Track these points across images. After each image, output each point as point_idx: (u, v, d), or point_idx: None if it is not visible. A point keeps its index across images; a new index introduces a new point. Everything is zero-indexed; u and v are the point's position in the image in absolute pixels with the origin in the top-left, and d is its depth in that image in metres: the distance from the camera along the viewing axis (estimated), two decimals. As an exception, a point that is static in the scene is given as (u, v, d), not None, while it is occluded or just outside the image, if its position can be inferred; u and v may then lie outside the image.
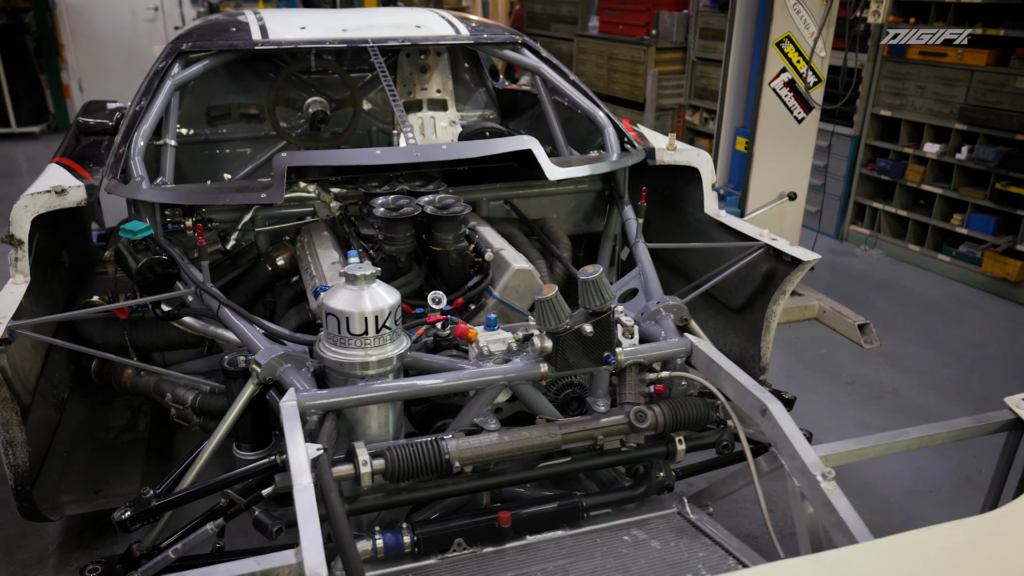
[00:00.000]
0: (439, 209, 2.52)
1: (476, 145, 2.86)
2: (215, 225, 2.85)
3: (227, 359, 2.43)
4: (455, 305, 2.48)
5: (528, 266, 2.55)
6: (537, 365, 2.08)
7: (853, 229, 5.79)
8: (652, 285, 2.60)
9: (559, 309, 2.02)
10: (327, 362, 1.99)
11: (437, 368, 2.14)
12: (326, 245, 2.68)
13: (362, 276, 1.94)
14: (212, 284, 2.42)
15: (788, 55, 3.91)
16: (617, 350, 2.12)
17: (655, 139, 3.53)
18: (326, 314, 1.96)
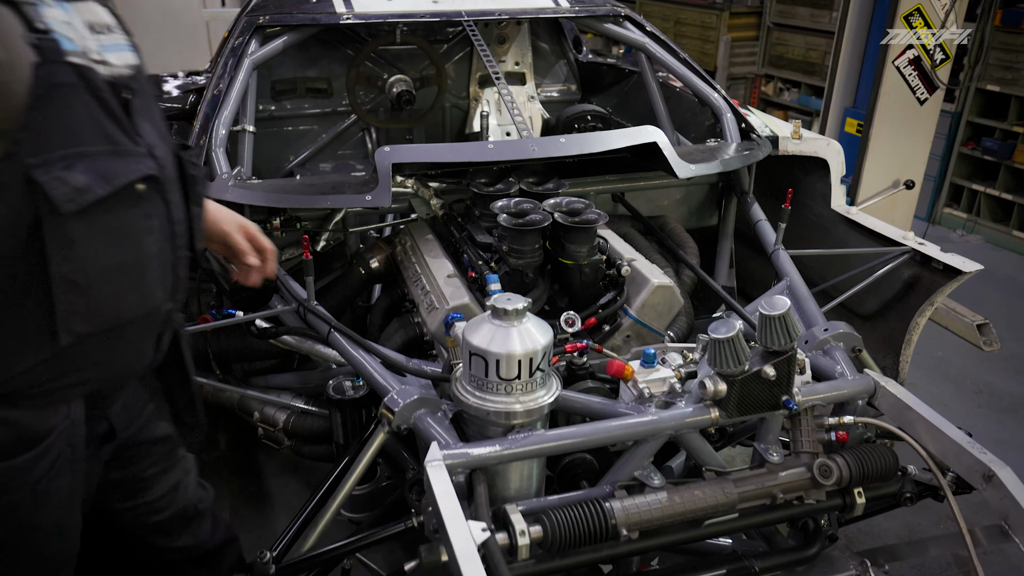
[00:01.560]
0: (569, 216, 2.21)
1: (597, 138, 2.54)
2: (303, 225, 2.57)
3: (332, 385, 2.18)
4: (587, 325, 2.19)
5: (668, 282, 2.25)
6: (707, 410, 1.79)
7: (948, 212, 5.40)
8: (809, 306, 2.29)
9: (740, 350, 1.73)
10: (468, 408, 1.71)
11: (590, 412, 1.86)
12: (435, 252, 2.39)
13: (513, 311, 1.65)
14: (316, 302, 2.14)
15: (916, 30, 3.52)
16: (794, 389, 1.83)
17: (771, 124, 3.19)
18: (470, 354, 1.67)
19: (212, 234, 1.62)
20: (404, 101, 3.19)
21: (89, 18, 1.14)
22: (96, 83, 1.08)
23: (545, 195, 2.42)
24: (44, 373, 1.13)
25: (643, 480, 1.78)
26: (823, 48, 6.15)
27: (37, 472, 1.16)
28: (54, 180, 1.01)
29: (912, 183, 3.84)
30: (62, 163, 1.02)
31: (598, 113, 3.48)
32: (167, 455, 1.59)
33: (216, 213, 1.63)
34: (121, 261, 1.14)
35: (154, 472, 1.56)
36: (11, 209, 1.01)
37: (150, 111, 1.24)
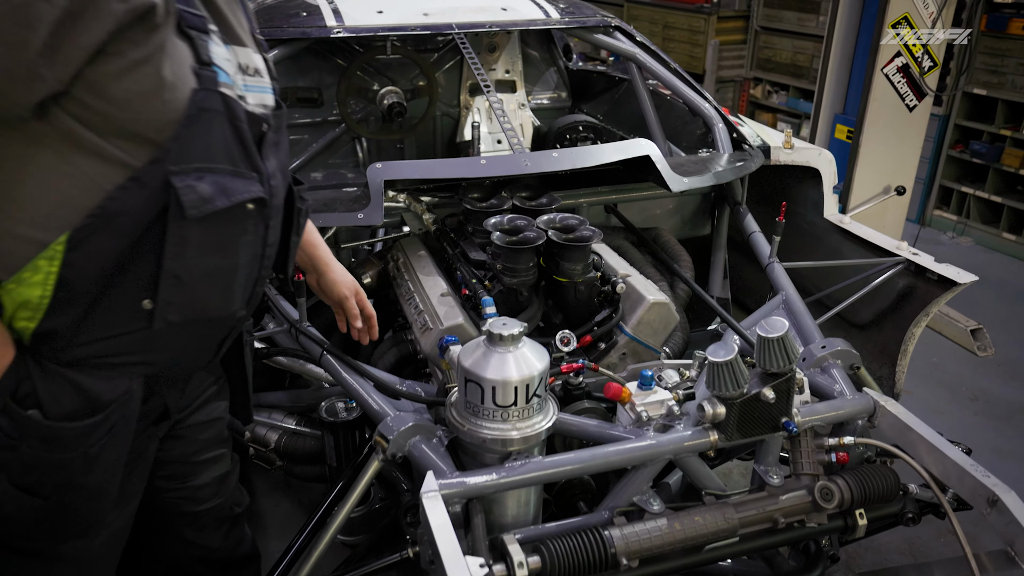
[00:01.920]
0: (563, 233, 2.19)
1: (590, 152, 2.51)
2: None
3: (325, 407, 2.15)
4: (582, 343, 2.16)
5: (664, 298, 2.23)
6: (706, 434, 1.76)
7: (937, 214, 5.41)
8: (805, 321, 2.27)
9: (738, 373, 1.70)
10: (463, 435, 1.68)
11: (588, 436, 1.84)
12: (428, 269, 2.35)
13: (509, 337, 1.62)
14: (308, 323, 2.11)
15: (904, 38, 3.51)
16: (793, 410, 1.81)
17: (763, 132, 3.17)
18: (465, 379, 1.64)
19: (329, 294, 1.90)
20: (395, 113, 3.16)
21: (244, 61, 1.32)
22: (237, 113, 1.24)
23: (538, 211, 2.39)
24: (120, 347, 1.25)
25: (642, 506, 1.75)
26: (810, 52, 6.16)
27: (93, 438, 1.26)
28: (186, 188, 1.16)
29: (903, 189, 3.84)
30: (195, 174, 1.18)
31: (589, 123, 3.46)
32: (217, 441, 1.68)
33: (337, 275, 1.88)
34: (218, 266, 1.30)
35: (202, 459, 1.65)
36: (145, 205, 1.15)
37: (279, 147, 1.41)
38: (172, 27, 1.14)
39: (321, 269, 1.88)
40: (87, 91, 1.08)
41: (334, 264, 1.89)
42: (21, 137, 1.09)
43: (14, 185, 1.11)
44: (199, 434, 1.63)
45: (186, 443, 1.61)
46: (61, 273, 1.14)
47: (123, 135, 1.13)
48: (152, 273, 1.20)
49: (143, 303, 1.22)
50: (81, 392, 1.23)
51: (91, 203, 1.12)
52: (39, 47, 1.00)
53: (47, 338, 1.19)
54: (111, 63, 1.07)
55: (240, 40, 1.33)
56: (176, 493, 1.64)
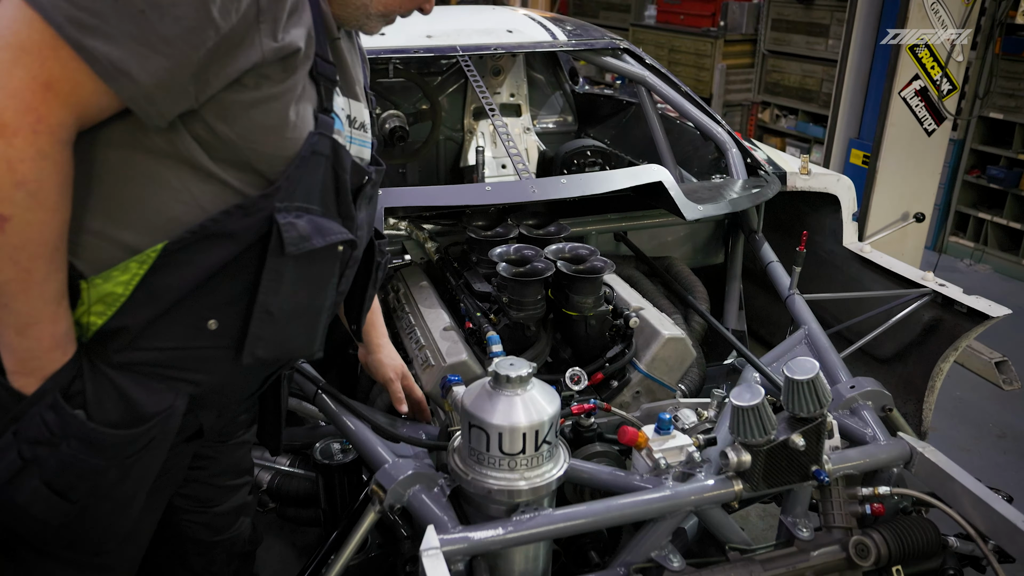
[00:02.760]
0: (572, 263, 2.06)
1: (600, 179, 2.40)
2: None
3: (319, 448, 2.02)
4: (593, 380, 2.03)
5: (680, 333, 2.10)
6: (730, 483, 1.63)
7: (954, 241, 5.28)
8: (830, 358, 2.14)
9: (765, 419, 1.57)
10: (467, 485, 1.54)
11: (601, 485, 1.70)
12: (430, 301, 2.23)
13: (517, 379, 1.49)
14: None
15: (922, 60, 3.41)
16: (823, 458, 1.67)
17: (777, 158, 3.06)
18: (469, 425, 1.51)
19: (375, 374, 1.89)
20: (397, 137, 3.06)
21: (354, 113, 1.37)
22: (342, 160, 1.27)
23: (546, 240, 2.27)
24: (175, 359, 1.22)
25: (661, 563, 1.61)
26: (819, 75, 6.08)
27: (131, 448, 1.22)
28: (288, 224, 1.17)
29: (923, 216, 3.72)
30: (296, 212, 1.19)
31: (597, 148, 3.35)
32: (241, 469, 1.68)
33: (384, 355, 1.87)
34: (307, 305, 1.31)
35: (224, 484, 1.64)
36: (243, 232, 1.16)
37: (372, 201, 1.45)
38: (307, 70, 1.18)
39: (370, 346, 1.87)
40: (216, 116, 1.11)
41: (385, 344, 1.89)
42: (140, 148, 1.11)
43: (121, 191, 1.12)
44: (227, 456, 1.62)
45: (213, 463, 1.59)
46: (147, 276, 1.14)
47: (238, 164, 1.15)
48: (226, 298, 1.20)
49: (208, 323, 1.21)
50: (125, 400, 1.20)
51: (192, 220, 1.14)
52: (195, 68, 1.04)
53: (110, 336, 1.17)
54: (245, 93, 1.11)
55: (355, 93, 1.37)
56: (193, 516, 1.61)
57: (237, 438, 1.62)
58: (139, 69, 1.01)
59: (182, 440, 1.39)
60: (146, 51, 1.01)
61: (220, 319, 1.21)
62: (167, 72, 1.03)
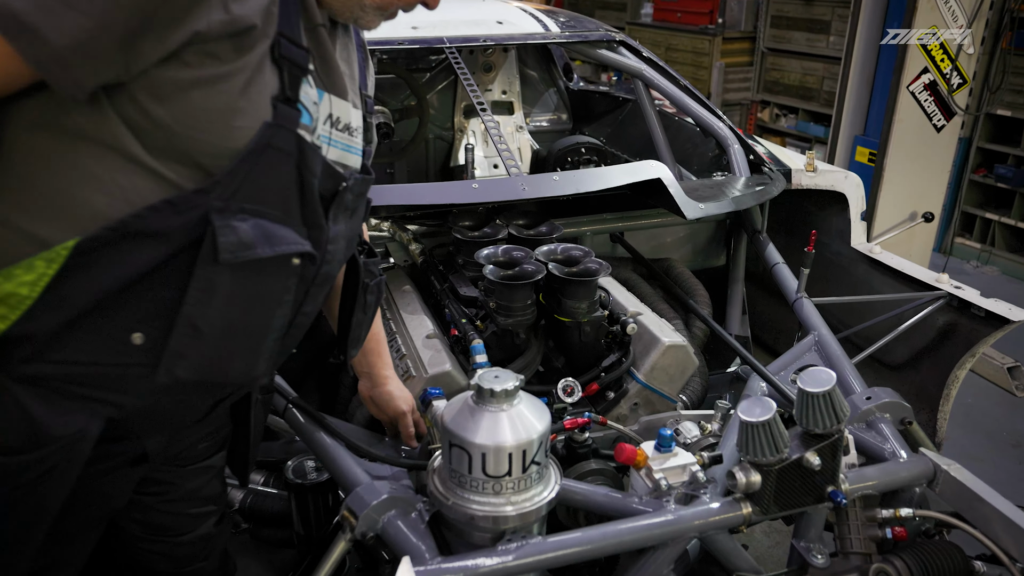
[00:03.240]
0: (565, 265, 1.92)
1: (594, 175, 2.25)
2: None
3: (292, 467, 1.87)
4: (588, 391, 1.88)
5: (681, 340, 1.95)
6: (738, 506, 1.48)
7: (960, 242, 5.14)
8: (843, 367, 1.99)
9: (777, 436, 1.43)
10: (447, 510, 1.39)
11: (597, 508, 1.55)
12: (413, 307, 2.08)
13: (502, 393, 1.34)
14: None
15: (931, 53, 3.27)
16: (840, 477, 1.52)
17: (781, 154, 2.92)
18: (450, 444, 1.36)
19: (383, 408, 1.71)
20: (382, 135, 2.91)
21: (338, 113, 1.20)
22: (310, 161, 1.09)
23: (537, 240, 2.13)
24: (90, 377, 1.06)
25: (663, 594, 1.47)
26: (820, 73, 5.94)
27: (24, 476, 1.07)
28: (226, 228, 1.00)
29: (931, 215, 3.57)
30: (240, 215, 1.02)
31: (592, 145, 3.21)
32: (207, 497, 1.48)
33: (393, 389, 1.69)
34: (246, 324, 1.12)
35: (187, 512, 1.46)
36: (172, 233, 1.00)
37: (354, 214, 1.28)
38: (265, 52, 1.02)
39: (376, 379, 1.70)
40: (150, 95, 0.96)
41: (392, 376, 1.71)
42: (60, 130, 0.96)
43: (36, 179, 0.98)
44: (187, 482, 1.43)
45: (171, 489, 1.41)
46: (56, 278, 0.97)
47: (175, 155, 0.99)
48: (154, 309, 1.03)
49: (133, 336, 1.04)
50: (27, 419, 1.04)
51: (114, 215, 0.98)
52: (124, 32, 0.90)
53: (14, 345, 1.01)
54: (183, 72, 0.96)
55: (342, 91, 1.21)
56: (150, 546, 1.43)
57: (199, 463, 1.45)
58: (50, 27, 0.86)
59: (122, 463, 1.23)
60: (59, 6, 0.86)
61: (147, 332, 1.04)
62: (86, 33, 0.88)
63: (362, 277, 1.41)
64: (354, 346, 1.49)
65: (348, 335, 1.45)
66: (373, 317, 1.53)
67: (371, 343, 1.66)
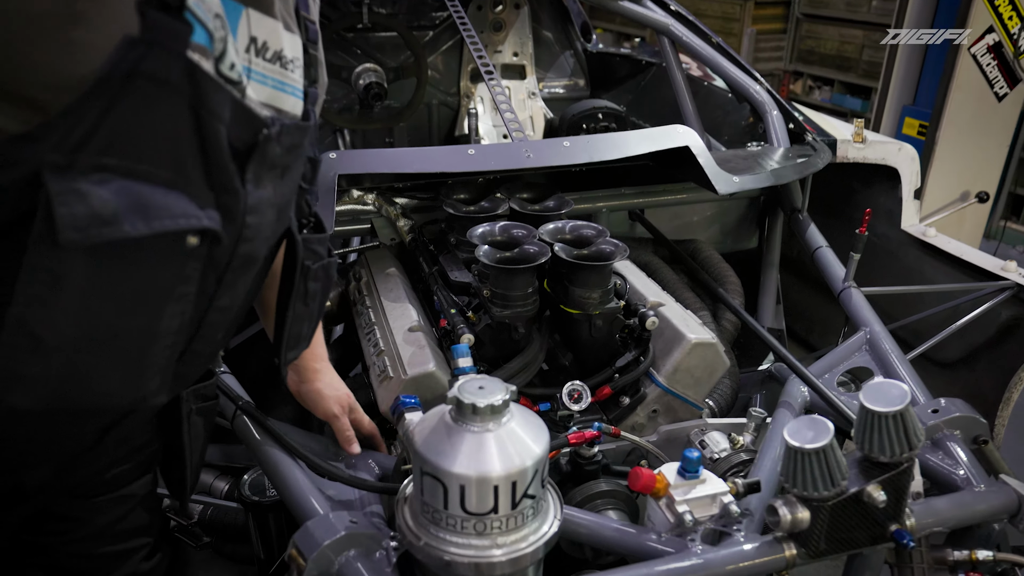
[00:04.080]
0: (574, 247, 1.62)
1: (612, 141, 1.95)
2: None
3: (248, 482, 1.60)
4: (599, 396, 1.60)
5: (710, 337, 1.65)
6: (780, 547, 1.20)
7: (1010, 227, 4.76)
8: (900, 371, 1.69)
9: (835, 466, 1.14)
10: (419, 553, 1.11)
11: (606, 545, 1.27)
12: (395, 294, 1.80)
13: (487, 409, 1.06)
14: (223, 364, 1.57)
15: (999, 8, 2.90)
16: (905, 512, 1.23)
17: (824, 123, 2.60)
18: (421, 472, 1.08)
19: (312, 407, 1.45)
20: (373, 95, 2.62)
21: (264, 36, 0.89)
22: (210, 99, 0.78)
23: (543, 217, 1.83)
24: None
25: (685, 656, 1.19)
26: (860, 41, 5.55)
27: None
28: (69, 194, 0.70)
29: (986, 195, 3.23)
30: (96, 175, 0.71)
31: (611, 110, 2.89)
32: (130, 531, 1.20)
33: (322, 387, 1.43)
34: (119, 329, 0.81)
35: (100, 553, 1.18)
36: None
37: (286, 174, 0.96)
38: None
39: (303, 373, 1.43)
40: None
41: (324, 369, 1.44)
42: None
43: None
44: (99, 517, 1.16)
45: (77, 527, 1.14)
46: None
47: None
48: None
49: None
50: None
51: None
52: None
53: None
54: None
55: (268, 8, 0.89)
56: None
57: (114, 492, 1.17)
58: None
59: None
60: None
61: None
62: None
63: (300, 258, 1.09)
64: (292, 347, 1.19)
65: (284, 333, 1.14)
66: (320, 311, 1.23)
67: None
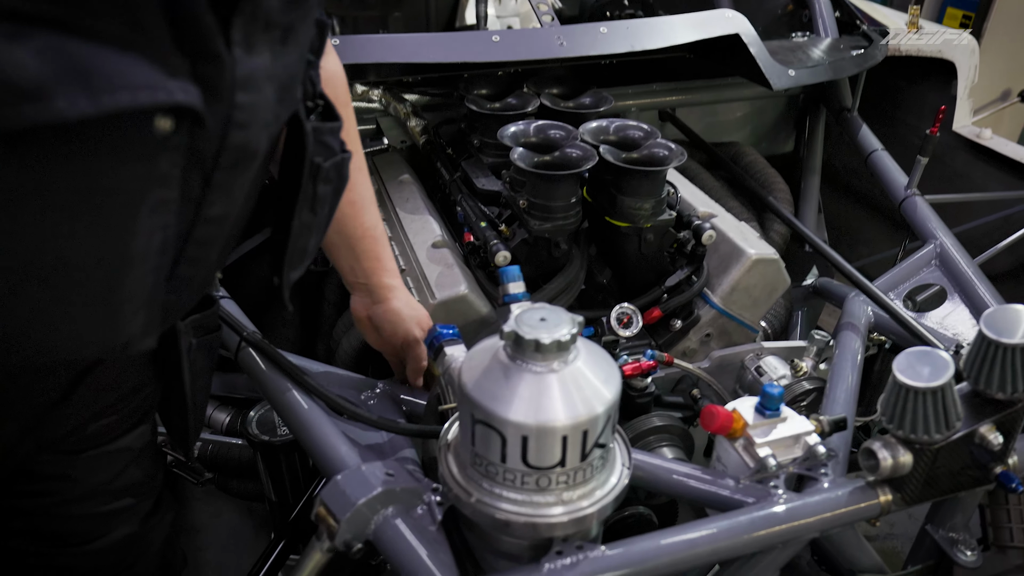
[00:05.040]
0: (623, 149, 1.41)
1: (655, 27, 1.70)
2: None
3: (256, 419, 1.44)
4: (649, 319, 1.42)
5: (772, 253, 1.48)
6: (873, 493, 1.05)
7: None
8: (980, 291, 1.52)
9: (951, 407, 0.98)
10: (470, 511, 0.95)
11: (673, 492, 1.13)
12: (414, 203, 1.59)
13: (554, 346, 0.87)
14: (221, 289, 1.37)
15: None
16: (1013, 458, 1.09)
17: (871, 10, 2.36)
18: (472, 418, 0.90)
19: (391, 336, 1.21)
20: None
21: None
22: None
23: (580, 115, 1.61)
24: None
25: (768, 613, 1.06)
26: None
27: None
28: None
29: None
30: (8, 24, 0.48)
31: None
32: (121, 488, 1.04)
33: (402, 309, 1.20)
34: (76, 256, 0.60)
35: (94, 513, 1.03)
36: None
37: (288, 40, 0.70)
38: None
39: (377, 291, 1.20)
40: None
41: (398, 286, 1.20)
42: None
43: None
44: (92, 474, 1.00)
45: (67, 486, 0.99)
46: None
47: None
48: None
49: None
50: None
51: None
52: None
53: None
54: None
55: None
56: (51, 560, 1.01)
57: (103, 446, 1.00)
58: None
59: None
60: None
61: None
62: None
63: (309, 154, 0.85)
64: (295, 264, 0.94)
65: (286, 247, 0.91)
66: (328, 218, 0.97)
67: (365, 242, 1.16)
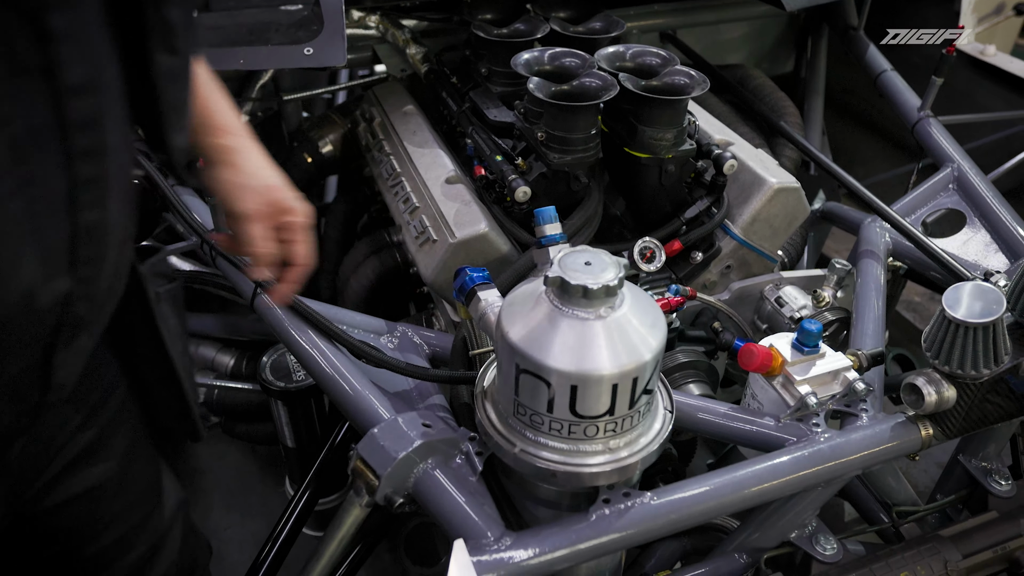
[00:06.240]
0: (642, 77, 1.34)
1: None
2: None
3: (270, 364, 1.40)
4: (669, 252, 1.39)
5: (793, 182, 1.43)
6: (915, 428, 1.05)
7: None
8: (1000, 214, 1.50)
9: (1000, 343, 0.96)
10: (512, 460, 0.92)
11: (713, 433, 1.11)
12: (421, 136, 1.51)
13: (601, 291, 0.83)
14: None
15: None
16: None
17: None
18: (517, 368, 0.86)
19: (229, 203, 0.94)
20: None
21: None
22: None
23: (591, 41, 1.53)
24: None
25: (807, 550, 1.06)
26: None
27: None
28: None
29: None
30: None
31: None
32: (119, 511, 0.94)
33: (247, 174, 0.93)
34: None
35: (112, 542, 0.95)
36: None
37: None
38: None
39: (210, 153, 0.92)
40: None
41: (240, 147, 0.93)
42: None
43: None
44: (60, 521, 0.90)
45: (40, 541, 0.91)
46: None
47: None
48: None
49: None
50: None
51: None
52: None
53: None
54: None
55: None
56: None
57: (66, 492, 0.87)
58: None
59: None
60: None
61: None
62: None
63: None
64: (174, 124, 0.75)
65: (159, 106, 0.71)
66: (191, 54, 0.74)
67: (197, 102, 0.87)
